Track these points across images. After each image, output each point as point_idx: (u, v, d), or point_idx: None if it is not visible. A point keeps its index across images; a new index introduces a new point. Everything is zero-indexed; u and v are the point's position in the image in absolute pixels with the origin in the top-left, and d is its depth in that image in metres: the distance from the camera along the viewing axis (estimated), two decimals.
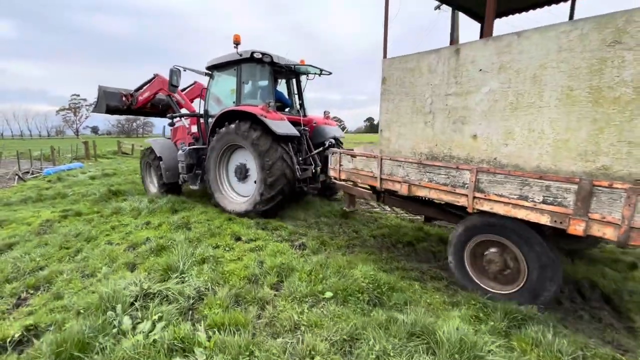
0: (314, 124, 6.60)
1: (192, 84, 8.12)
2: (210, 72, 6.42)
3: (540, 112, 2.51)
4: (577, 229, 2.28)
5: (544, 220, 2.46)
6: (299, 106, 6.84)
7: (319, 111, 7.02)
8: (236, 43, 5.59)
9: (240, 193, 5.95)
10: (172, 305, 2.57)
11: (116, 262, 3.62)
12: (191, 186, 6.52)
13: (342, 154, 4.45)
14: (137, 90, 7.68)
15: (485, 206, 2.80)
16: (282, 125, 5.16)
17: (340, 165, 4.46)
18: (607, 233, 2.17)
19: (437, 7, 5.16)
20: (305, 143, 6.24)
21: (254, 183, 5.55)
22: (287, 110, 6.74)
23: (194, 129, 6.82)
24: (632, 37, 2.06)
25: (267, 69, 5.72)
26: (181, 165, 6.36)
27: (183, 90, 7.68)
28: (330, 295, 2.80)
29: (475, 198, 2.85)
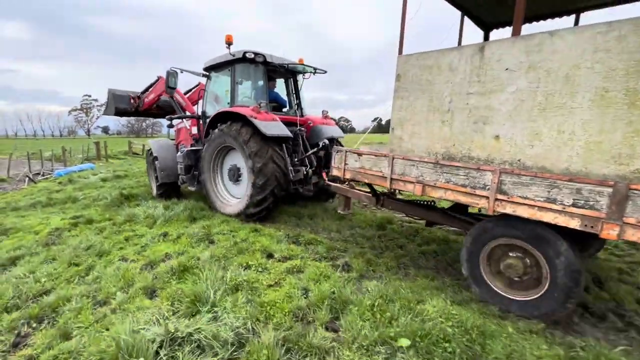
0: (309, 123, 6.43)
1: (196, 85, 8.04)
2: (208, 73, 6.36)
3: (571, 113, 2.46)
4: (610, 233, 2.22)
5: (573, 224, 2.38)
6: (296, 106, 6.66)
7: (321, 112, 6.87)
8: (228, 43, 5.50)
9: (234, 195, 5.90)
10: (207, 358, 2.10)
11: (132, 286, 3.14)
12: (189, 187, 6.49)
13: (347, 152, 4.28)
14: (143, 92, 7.79)
15: (507, 209, 2.70)
16: (272, 126, 5.06)
17: (345, 164, 4.28)
18: None
19: None
20: (302, 144, 6.11)
21: (246, 185, 5.43)
22: (286, 110, 6.60)
23: (194, 130, 6.78)
24: None
25: (260, 68, 5.66)
26: (180, 166, 6.38)
27: (188, 91, 7.75)
28: (407, 344, 2.25)
29: (497, 200, 2.75)
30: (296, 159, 5.86)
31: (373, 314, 2.56)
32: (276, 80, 6.51)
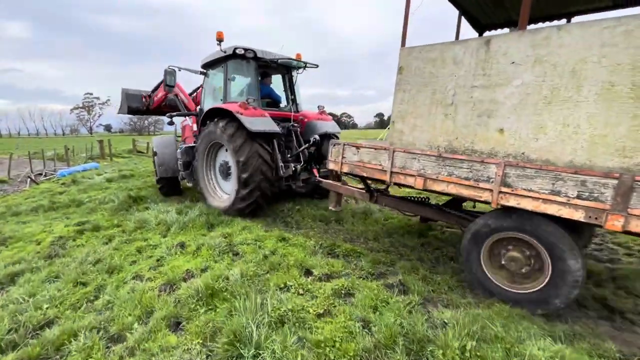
0: (301, 118, 6.35)
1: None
2: (205, 71, 6.37)
3: (577, 107, 2.49)
4: (615, 224, 2.26)
5: (577, 216, 2.42)
6: (290, 101, 6.53)
7: (326, 107, 6.82)
8: (219, 40, 5.50)
9: (226, 191, 5.94)
10: None
11: (152, 315, 2.69)
12: (188, 183, 6.64)
13: (345, 145, 4.21)
14: (153, 91, 7.90)
15: (511, 201, 2.72)
16: (258, 122, 5.04)
17: (342, 157, 4.21)
18: None
19: None
20: (295, 139, 6.05)
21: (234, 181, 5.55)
22: (283, 106, 6.51)
23: (195, 127, 6.82)
24: None
25: (252, 64, 5.64)
26: (179, 162, 6.49)
27: (196, 90, 7.76)
28: None
29: (501, 193, 2.75)
30: (289, 155, 5.83)
31: None
32: (271, 76, 6.48)
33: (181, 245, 4.15)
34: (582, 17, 4.58)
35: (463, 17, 4.89)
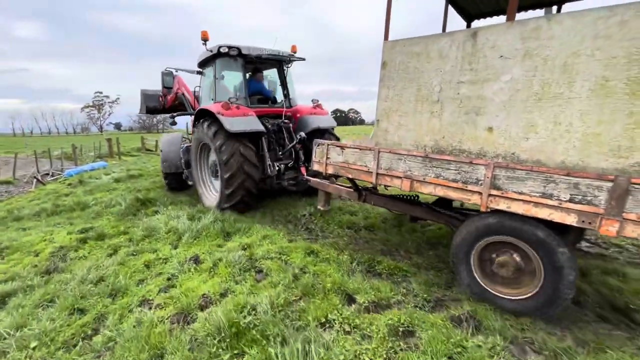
0: (293, 114, 6.22)
1: None
2: (201, 70, 6.40)
3: (569, 104, 2.33)
4: (609, 229, 2.12)
5: (569, 220, 2.28)
6: (283, 97, 6.38)
7: (330, 104, 6.76)
8: (204, 40, 5.48)
9: (217, 189, 5.94)
10: None
11: None
12: (189, 182, 6.74)
13: (329, 145, 4.02)
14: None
15: (501, 205, 2.57)
16: (238, 122, 5.02)
17: (327, 158, 4.03)
18: None
19: None
20: (287, 136, 5.92)
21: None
22: (280, 102, 6.42)
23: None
24: None
25: (238, 61, 5.58)
26: (182, 160, 6.61)
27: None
28: None
29: (490, 196, 2.60)
30: (280, 153, 5.76)
31: None
32: (263, 72, 6.38)
33: (195, 260, 3.67)
34: (575, 3, 4.40)
35: (450, 7, 4.67)
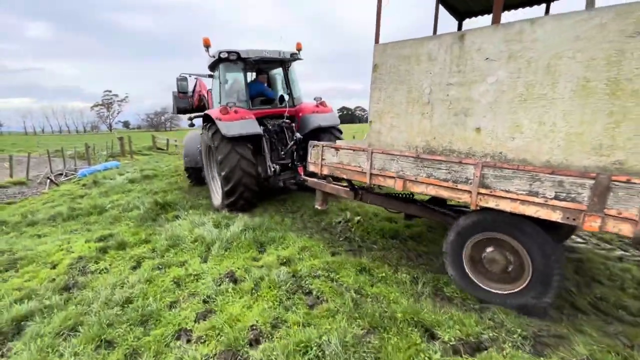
0: (292, 114, 6.33)
1: None
2: (212, 74, 6.63)
3: (552, 104, 2.41)
4: (592, 225, 2.20)
5: (555, 217, 2.36)
6: (287, 96, 6.49)
7: (336, 102, 6.94)
8: (206, 46, 5.69)
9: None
10: None
11: None
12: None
13: (324, 147, 4.10)
14: (192, 92, 8.53)
15: (490, 203, 2.65)
16: (234, 126, 5.21)
17: (322, 159, 4.11)
18: (623, 229, 2.12)
19: None
20: (290, 135, 6.05)
21: None
22: (287, 101, 6.54)
23: None
24: None
25: (239, 65, 5.77)
26: (200, 157, 6.84)
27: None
28: None
29: (479, 194, 2.68)
30: (283, 152, 5.90)
31: None
32: (267, 73, 6.61)
33: (231, 277, 3.25)
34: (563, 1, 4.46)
35: (441, 6, 4.73)
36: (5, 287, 3.35)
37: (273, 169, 5.67)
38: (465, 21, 5.29)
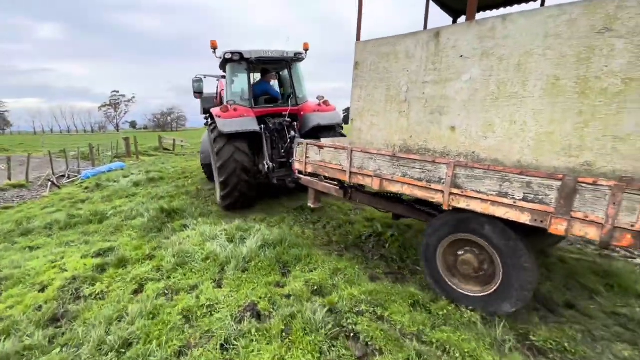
0: (294, 112, 6.43)
1: None
2: (224, 74, 6.83)
3: (523, 103, 2.35)
4: (558, 228, 2.13)
5: (524, 219, 2.30)
6: (290, 95, 6.63)
7: (343, 102, 7.04)
8: (213, 48, 5.86)
9: None
10: None
11: None
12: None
13: (308, 145, 4.10)
14: (216, 93, 8.94)
15: (462, 203, 2.60)
16: (232, 123, 5.39)
17: (306, 157, 4.11)
18: (589, 233, 2.04)
19: None
20: (287, 134, 6.13)
21: None
22: (287, 100, 6.69)
23: None
24: (623, 25, 1.93)
25: (243, 65, 5.98)
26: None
27: None
28: None
29: (451, 194, 2.64)
30: (283, 150, 5.99)
31: None
32: (272, 72, 6.81)
33: (253, 312, 2.66)
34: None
35: (435, 4, 4.65)
36: None
37: (267, 166, 5.76)
38: (461, 18, 5.19)
